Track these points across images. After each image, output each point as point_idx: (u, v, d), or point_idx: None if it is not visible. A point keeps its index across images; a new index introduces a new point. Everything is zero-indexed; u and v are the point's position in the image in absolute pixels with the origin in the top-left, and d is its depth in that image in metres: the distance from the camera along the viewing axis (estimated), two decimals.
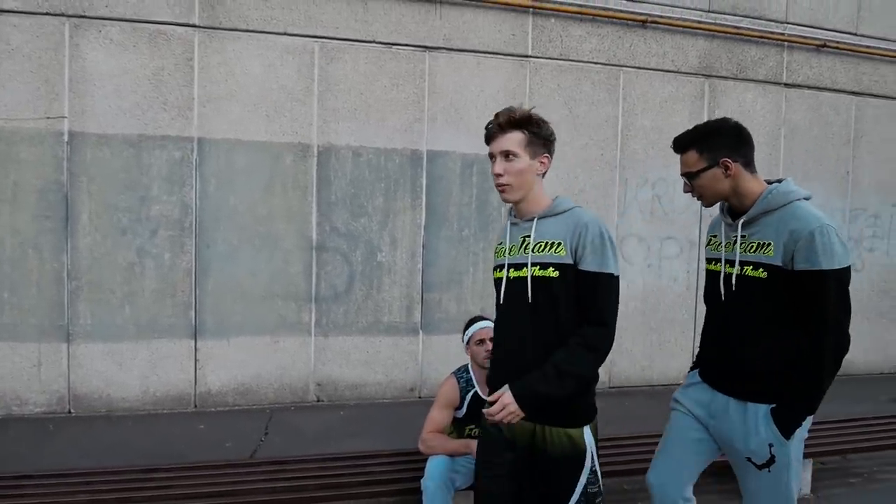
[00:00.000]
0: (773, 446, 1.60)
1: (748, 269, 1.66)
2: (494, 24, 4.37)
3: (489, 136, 1.61)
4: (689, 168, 1.72)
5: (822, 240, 1.52)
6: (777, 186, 1.66)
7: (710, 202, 1.75)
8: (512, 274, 1.59)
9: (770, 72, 5.04)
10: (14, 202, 3.73)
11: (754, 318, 1.65)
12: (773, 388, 1.62)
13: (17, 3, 3.70)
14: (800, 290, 1.56)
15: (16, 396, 3.81)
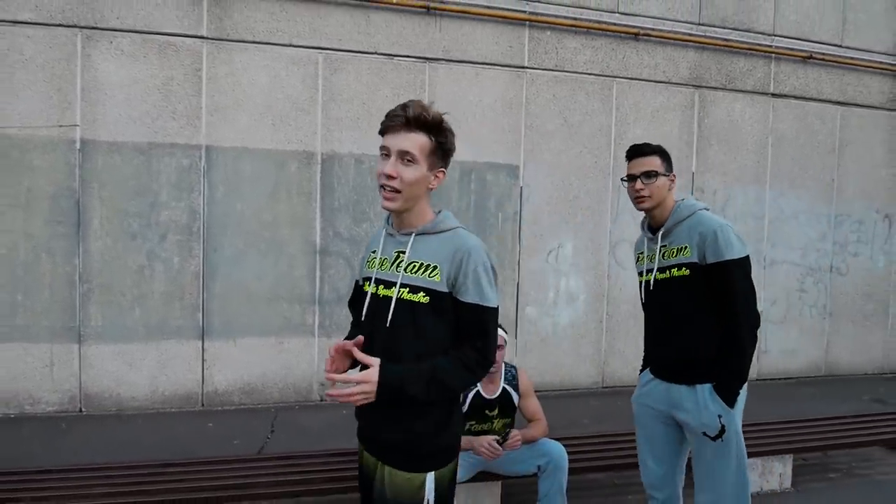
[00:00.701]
0: (722, 416, 1.86)
1: (673, 270, 1.95)
2: (492, 36, 4.53)
3: (388, 128, 1.36)
4: (653, 168, 1.97)
5: (723, 236, 1.85)
6: (684, 201, 2.01)
7: (652, 204, 1.99)
8: (381, 291, 1.42)
9: (758, 82, 5.22)
10: (28, 208, 3.86)
11: (682, 312, 1.94)
12: (711, 368, 1.89)
13: (32, 14, 3.82)
14: (713, 279, 1.86)
15: (29, 396, 3.93)
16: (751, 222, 5.27)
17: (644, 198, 1.98)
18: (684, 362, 1.94)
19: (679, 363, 1.96)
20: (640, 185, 1.97)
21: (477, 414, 2.51)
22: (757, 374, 5.37)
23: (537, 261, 4.76)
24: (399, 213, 1.41)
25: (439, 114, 1.37)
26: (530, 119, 4.67)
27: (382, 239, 1.48)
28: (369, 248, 1.54)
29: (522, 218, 4.70)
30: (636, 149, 2.04)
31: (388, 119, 1.35)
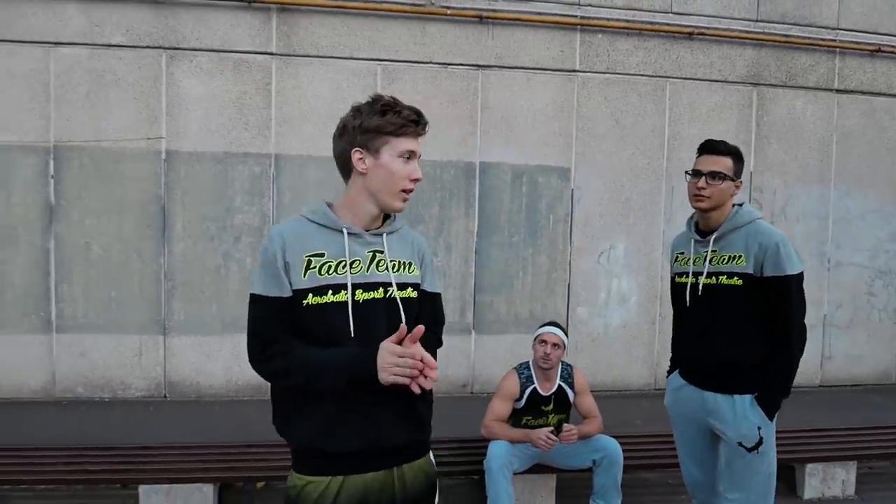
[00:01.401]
0: (761, 428, 1.86)
1: (722, 278, 1.90)
2: (543, 41, 4.62)
3: (410, 133, 1.35)
4: (723, 169, 1.90)
5: (785, 250, 1.82)
6: (742, 207, 1.95)
7: (710, 206, 1.92)
8: (362, 296, 1.31)
9: (821, 78, 5.05)
10: (121, 213, 4.29)
11: (732, 322, 1.90)
12: (753, 379, 1.88)
13: (123, 38, 4.25)
14: (769, 292, 1.83)
15: (120, 382, 4.36)
16: (813, 223, 5.10)
17: (704, 198, 1.89)
18: (725, 371, 1.91)
19: (719, 371, 1.93)
20: (703, 184, 1.88)
21: (533, 409, 2.64)
22: (820, 381, 5.19)
23: (588, 262, 4.81)
24: (392, 213, 1.40)
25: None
26: (581, 122, 4.72)
27: (345, 242, 1.32)
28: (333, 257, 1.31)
29: (573, 220, 4.77)
30: (710, 145, 1.96)
31: (415, 122, 1.33)
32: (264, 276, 1.29)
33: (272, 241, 1.30)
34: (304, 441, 1.30)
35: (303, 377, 1.25)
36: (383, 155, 1.32)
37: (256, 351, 1.30)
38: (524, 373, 2.68)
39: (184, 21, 4.25)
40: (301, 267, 1.28)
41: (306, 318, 1.28)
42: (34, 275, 4.25)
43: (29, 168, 4.21)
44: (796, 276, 1.82)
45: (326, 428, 1.27)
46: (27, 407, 4.17)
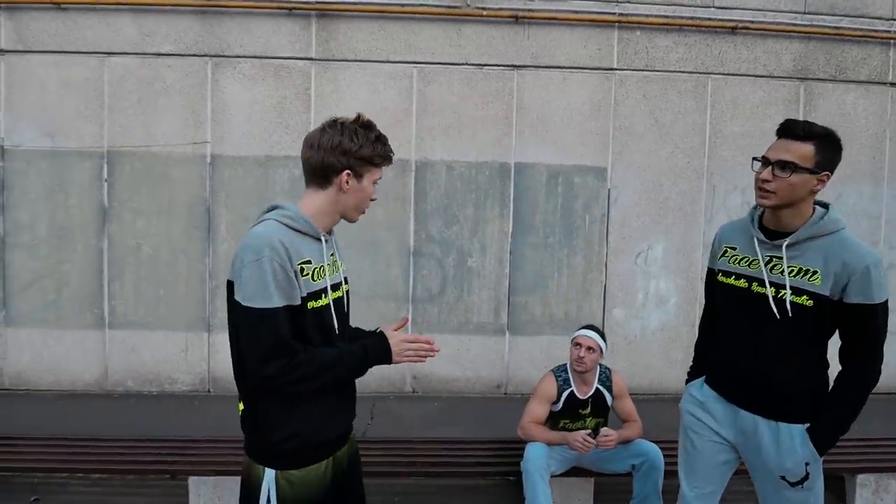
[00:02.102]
0: (810, 464, 1.60)
1: (787, 294, 1.58)
2: (580, 40, 4.57)
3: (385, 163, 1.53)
4: (796, 159, 1.52)
5: (877, 274, 1.52)
6: (829, 213, 1.60)
7: (776, 203, 1.57)
8: (332, 296, 1.46)
9: (873, 71, 4.82)
10: (168, 215, 4.47)
11: (790, 341, 1.61)
12: (806, 408, 1.62)
13: (171, 47, 4.42)
14: (846, 318, 1.56)
15: (168, 376, 4.55)
16: (864, 222, 4.88)
17: (767, 193, 1.55)
18: (774, 394, 1.65)
19: (767, 393, 1.66)
20: (766, 175, 1.54)
21: (570, 412, 2.63)
22: None
23: (625, 263, 4.74)
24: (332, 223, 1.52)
25: None
26: (619, 120, 4.65)
27: (323, 249, 1.45)
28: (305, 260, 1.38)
29: (610, 220, 4.70)
30: (787, 126, 1.58)
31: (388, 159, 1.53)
32: (278, 288, 1.29)
33: (276, 252, 1.30)
34: (306, 435, 1.41)
35: (333, 375, 1.38)
36: (364, 180, 1.47)
37: (282, 363, 1.29)
38: (561, 375, 2.66)
39: (228, 29, 4.40)
40: (299, 275, 1.35)
41: (308, 322, 1.36)
42: (89, 273, 4.48)
43: (85, 172, 4.43)
44: (884, 304, 1.53)
45: (328, 417, 1.45)
46: (82, 399, 4.41)
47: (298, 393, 1.36)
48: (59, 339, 4.51)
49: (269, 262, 1.29)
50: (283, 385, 1.33)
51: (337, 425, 1.48)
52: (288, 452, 1.39)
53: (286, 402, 1.38)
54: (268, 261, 1.29)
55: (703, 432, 1.80)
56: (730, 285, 1.73)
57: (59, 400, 4.37)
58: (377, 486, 3.00)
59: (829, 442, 1.61)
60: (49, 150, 4.41)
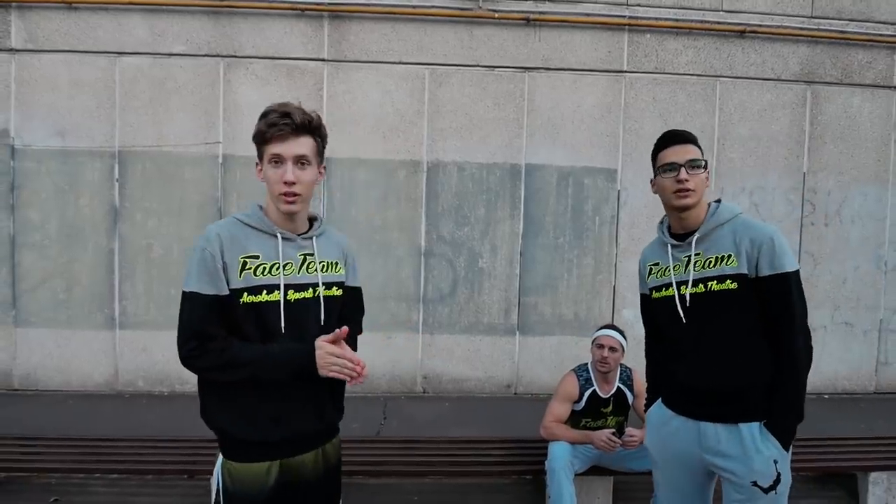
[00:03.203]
0: (778, 462, 1.55)
1: (713, 284, 1.60)
2: (591, 42, 4.61)
3: (274, 136, 1.36)
4: (698, 157, 1.64)
5: (780, 244, 1.56)
6: (721, 203, 1.69)
7: (696, 201, 1.63)
8: (293, 296, 1.41)
9: (879, 75, 4.88)
10: (180, 214, 4.47)
11: (727, 334, 1.61)
12: (759, 403, 1.58)
13: (184, 47, 4.43)
14: (767, 294, 1.57)
15: (178, 377, 4.54)
16: (870, 224, 4.94)
17: (688, 191, 1.59)
18: (727, 396, 1.60)
19: (720, 397, 1.61)
20: (684, 176, 1.59)
21: (592, 411, 2.65)
22: (875, 387, 5.02)
23: (635, 264, 4.72)
24: (296, 214, 1.43)
25: (318, 113, 1.44)
26: (629, 123, 4.69)
27: (279, 246, 1.41)
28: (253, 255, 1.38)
29: (620, 221, 4.74)
30: (675, 134, 1.68)
31: (273, 127, 1.35)
32: (202, 275, 1.34)
33: (210, 242, 1.35)
34: (238, 430, 1.38)
35: (248, 371, 1.34)
36: (263, 163, 1.40)
37: (192, 346, 1.34)
38: (583, 375, 2.69)
39: (240, 30, 4.41)
40: (237, 268, 1.36)
41: (241, 315, 1.36)
42: (99, 273, 4.47)
43: (96, 172, 4.43)
44: (795, 272, 1.57)
45: (269, 417, 1.38)
46: (92, 399, 4.39)
47: (231, 385, 1.36)
48: (69, 340, 4.49)
49: (201, 251, 1.35)
50: (196, 371, 1.38)
51: (283, 428, 1.39)
52: (226, 443, 1.42)
53: (220, 394, 1.40)
54: (199, 250, 1.36)
55: (669, 461, 1.73)
56: (662, 298, 1.71)
57: (68, 400, 4.36)
58: (395, 486, 3.03)
59: (789, 430, 1.57)
60: (60, 150, 4.40)
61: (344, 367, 1.34)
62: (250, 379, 1.35)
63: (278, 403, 1.39)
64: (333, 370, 1.34)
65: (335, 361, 1.34)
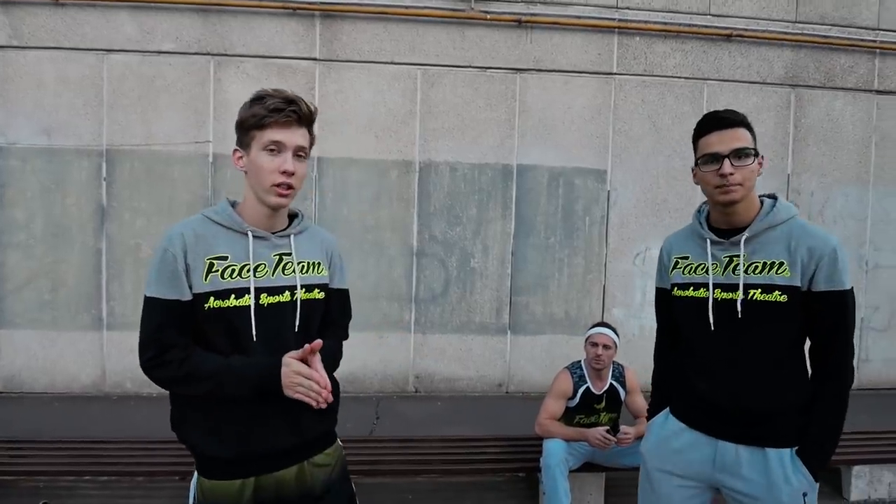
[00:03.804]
0: (807, 495, 1.38)
1: (758, 293, 1.41)
2: (581, 45, 4.66)
3: (275, 122, 1.25)
4: (748, 144, 1.40)
5: (843, 257, 1.38)
6: (778, 200, 1.48)
7: (743, 195, 1.41)
8: (266, 300, 1.29)
9: (860, 79, 5.01)
10: (169, 214, 4.42)
11: (765, 349, 1.43)
12: (793, 428, 1.42)
13: (173, 45, 4.38)
14: (818, 312, 1.39)
15: None
16: (851, 224, 5.06)
17: (734, 186, 1.38)
18: (757, 418, 1.42)
19: (749, 418, 1.43)
20: (729, 169, 1.37)
21: (586, 407, 2.69)
22: (857, 384, 5.11)
23: (624, 263, 4.84)
24: (278, 210, 1.31)
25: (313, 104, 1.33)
26: (618, 124, 4.75)
27: (249, 245, 1.28)
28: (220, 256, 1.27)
29: (609, 221, 4.80)
30: (720, 118, 1.44)
31: (277, 112, 1.23)
32: (162, 279, 1.23)
33: (172, 243, 1.24)
34: (214, 448, 1.27)
35: (209, 385, 1.22)
36: (252, 150, 1.27)
37: (150, 355, 1.24)
38: (577, 372, 2.72)
39: (231, 28, 4.38)
40: (203, 270, 1.24)
41: (207, 321, 1.24)
42: (86, 274, 4.41)
43: (83, 171, 4.36)
44: (852, 290, 1.40)
45: (241, 434, 1.27)
46: (79, 401, 4.33)
47: (198, 398, 1.26)
48: (54, 341, 4.42)
49: (162, 251, 1.24)
50: (156, 381, 1.26)
51: (253, 445, 1.27)
52: (196, 458, 1.31)
53: (189, 406, 1.29)
54: (160, 250, 1.25)
55: (668, 477, 1.55)
56: (689, 298, 1.51)
57: (54, 402, 4.29)
58: (390, 485, 3.04)
59: (823, 461, 1.40)
60: (46, 148, 4.33)
61: (310, 389, 1.20)
62: (211, 394, 1.23)
63: (247, 418, 1.26)
64: (299, 391, 1.20)
65: (301, 382, 1.20)
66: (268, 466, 1.30)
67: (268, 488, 1.30)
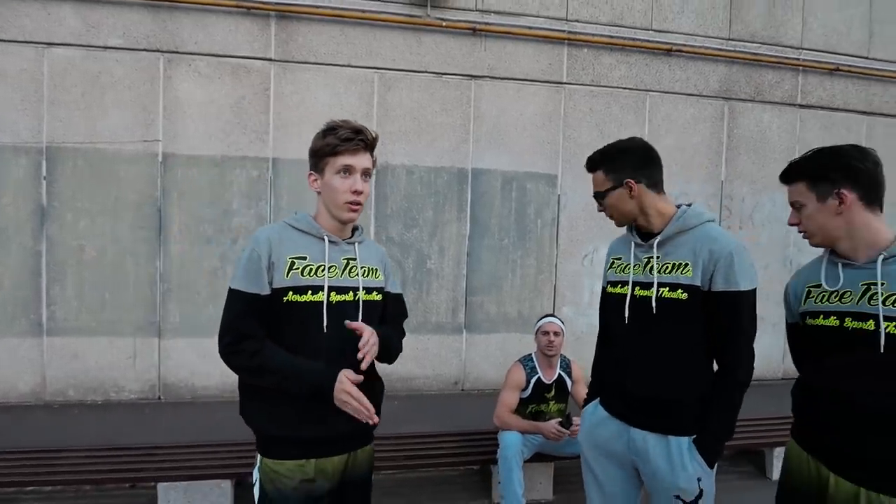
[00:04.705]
0: (701, 479, 1.54)
1: (664, 290, 1.56)
2: (533, 54, 4.85)
3: (347, 150, 1.44)
4: (597, 188, 1.67)
5: (740, 261, 1.51)
6: (692, 206, 1.64)
7: (620, 222, 1.69)
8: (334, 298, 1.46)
9: (786, 94, 5.45)
10: (115, 215, 4.29)
11: (672, 343, 1.58)
12: (692, 418, 1.56)
13: (120, 40, 4.25)
14: (716, 311, 1.53)
15: (114, 384, 4.36)
16: (777, 227, 5.49)
17: (610, 217, 1.69)
18: (661, 407, 1.57)
19: (653, 407, 1.59)
20: (599, 208, 1.71)
21: (537, 396, 2.85)
22: (783, 374, 5.59)
23: (573, 264, 5.06)
24: (348, 223, 1.52)
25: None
26: (568, 131, 4.97)
27: (326, 249, 1.48)
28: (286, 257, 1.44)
29: (560, 224, 5.01)
30: (586, 164, 1.74)
31: (348, 142, 1.44)
32: (247, 274, 1.41)
33: (259, 243, 1.43)
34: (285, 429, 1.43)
35: (274, 379, 1.39)
36: (326, 174, 1.48)
37: (227, 341, 1.40)
38: (528, 364, 2.88)
39: (183, 25, 4.29)
40: (284, 268, 1.42)
41: (285, 314, 1.41)
42: (24, 277, 4.21)
43: (20, 169, 4.16)
44: (750, 292, 1.51)
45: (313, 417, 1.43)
46: (16, 410, 4.13)
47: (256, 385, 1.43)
48: None
49: (250, 251, 1.43)
50: (233, 368, 1.42)
51: (309, 428, 1.42)
52: (262, 440, 1.47)
53: (255, 392, 1.45)
54: (248, 250, 1.43)
55: (601, 461, 1.71)
56: (615, 294, 1.69)
57: None
58: None
59: (716, 450, 1.54)
60: None
61: (357, 410, 1.37)
62: (275, 386, 1.39)
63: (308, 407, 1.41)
64: (346, 408, 1.38)
65: (349, 402, 1.36)
66: (321, 449, 1.46)
67: (324, 472, 1.46)
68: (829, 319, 1.41)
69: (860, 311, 1.35)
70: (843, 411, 1.36)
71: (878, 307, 1.31)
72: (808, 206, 1.46)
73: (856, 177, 1.39)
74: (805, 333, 1.50)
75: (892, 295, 1.31)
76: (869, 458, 1.32)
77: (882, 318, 1.30)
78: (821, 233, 1.45)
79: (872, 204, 1.40)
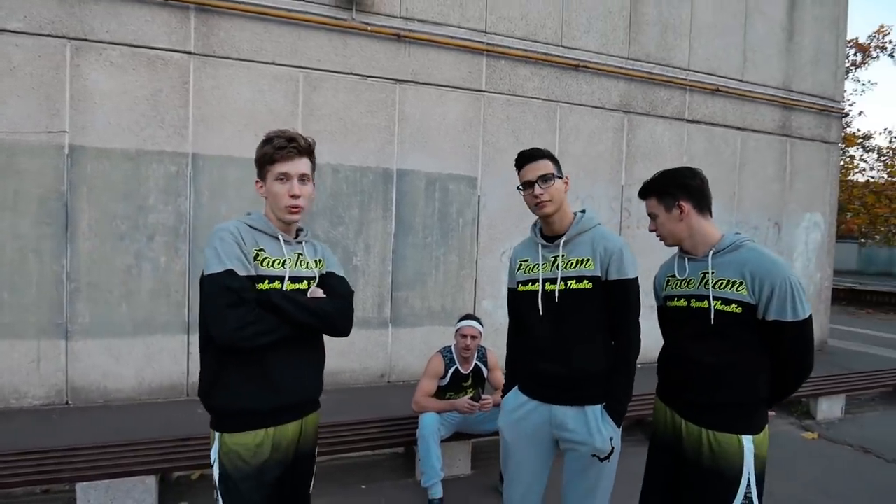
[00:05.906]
0: (613, 438, 1.82)
1: (572, 283, 1.84)
2: (455, 62, 5.12)
3: (281, 157, 1.56)
4: (549, 171, 1.86)
5: (627, 255, 1.84)
6: (586, 212, 1.92)
7: (554, 209, 1.86)
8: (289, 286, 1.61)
9: (675, 110, 6.15)
10: (15, 209, 4.02)
11: (583, 329, 1.85)
12: (601, 388, 1.84)
13: (21, 24, 3.99)
14: (612, 296, 1.83)
15: (14, 390, 4.08)
16: None
17: (545, 202, 1.84)
18: (576, 381, 1.84)
19: (571, 382, 1.84)
20: (539, 190, 1.84)
21: (455, 386, 3.10)
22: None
23: (492, 260, 5.41)
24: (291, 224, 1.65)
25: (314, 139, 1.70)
26: (487, 136, 5.31)
27: (282, 246, 1.62)
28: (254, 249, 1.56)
29: (480, 223, 5.34)
30: (527, 155, 1.92)
31: (282, 150, 1.55)
32: (232, 257, 1.49)
33: (231, 234, 1.52)
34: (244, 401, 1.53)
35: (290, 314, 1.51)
36: (268, 180, 1.60)
37: (238, 316, 1.45)
38: (448, 355, 3.12)
39: (93, 12, 4.10)
40: (252, 257, 1.54)
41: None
42: None
43: None
44: (635, 279, 1.85)
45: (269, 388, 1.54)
46: None
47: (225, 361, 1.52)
48: None
49: (230, 235, 1.52)
50: (248, 337, 1.46)
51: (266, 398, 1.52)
52: (219, 417, 1.56)
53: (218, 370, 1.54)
54: (227, 233, 1.52)
55: (521, 444, 1.93)
56: (528, 291, 1.92)
57: None
58: None
59: (622, 413, 1.84)
60: None
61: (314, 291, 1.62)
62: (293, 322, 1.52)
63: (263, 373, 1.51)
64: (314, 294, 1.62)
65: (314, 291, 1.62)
66: (280, 418, 1.56)
67: (279, 447, 1.57)
68: (680, 301, 1.81)
69: (699, 293, 1.74)
70: (690, 370, 1.74)
71: (709, 290, 1.72)
72: (659, 215, 1.81)
73: (689, 191, 1.78)
74: (666, 313, 1.90)
75: (719, 280, 1.70)
76: (706, 404, 1.71)
77: (712, 298, 1.70)
78: (670, 236, 1.82)
79: (704, 211, 1.79)
